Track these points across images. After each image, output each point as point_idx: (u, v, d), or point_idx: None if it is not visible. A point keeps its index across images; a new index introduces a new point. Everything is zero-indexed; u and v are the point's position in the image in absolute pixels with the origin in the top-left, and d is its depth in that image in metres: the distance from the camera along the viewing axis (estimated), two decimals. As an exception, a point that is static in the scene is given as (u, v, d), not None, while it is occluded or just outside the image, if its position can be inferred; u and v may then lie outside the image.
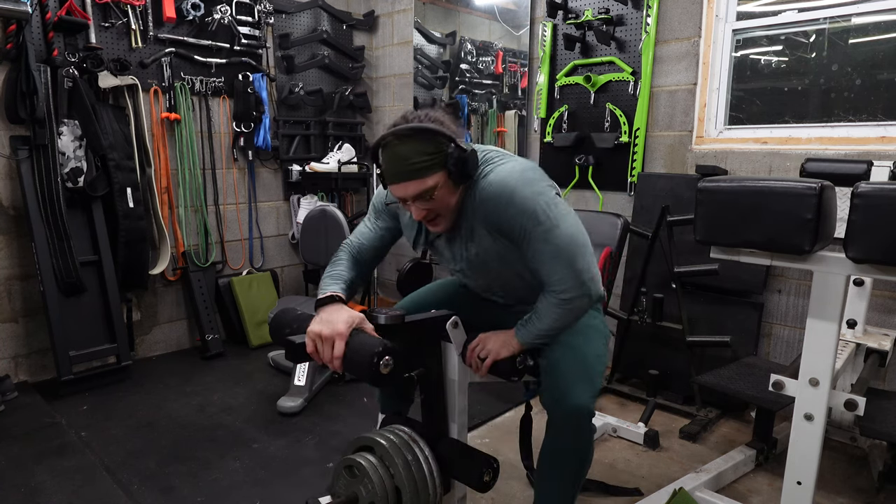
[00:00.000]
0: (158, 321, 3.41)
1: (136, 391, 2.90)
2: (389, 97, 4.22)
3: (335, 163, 3.78)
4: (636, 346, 2.87)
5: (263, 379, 3.07)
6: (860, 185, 1.30)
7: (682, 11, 2.76)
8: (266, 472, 2.19)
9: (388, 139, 1.38)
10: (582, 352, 1.53)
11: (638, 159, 2.96)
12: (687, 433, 2.44)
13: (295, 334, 1.44)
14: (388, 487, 1.42)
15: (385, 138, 1.38)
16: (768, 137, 2.66)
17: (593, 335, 1.59)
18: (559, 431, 1.51)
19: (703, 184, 1.49)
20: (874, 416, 1.84)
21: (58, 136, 2.78)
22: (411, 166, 1.36)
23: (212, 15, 3.29)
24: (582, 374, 1.49)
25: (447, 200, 1.43)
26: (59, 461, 2.23)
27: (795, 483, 1.54)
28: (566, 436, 1.50)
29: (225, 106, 3.50)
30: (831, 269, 1.42)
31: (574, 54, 3.15)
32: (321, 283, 1.57)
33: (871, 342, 2.18)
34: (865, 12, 2.40)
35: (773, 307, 2.66)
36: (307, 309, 1.59)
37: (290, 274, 4.02)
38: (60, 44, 2.82)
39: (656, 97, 2.90)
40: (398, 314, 1.46)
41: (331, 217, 3.14)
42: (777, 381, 1.57)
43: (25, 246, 2.86)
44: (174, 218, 3.36)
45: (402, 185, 1.39)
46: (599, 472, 2.18)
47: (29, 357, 2.96)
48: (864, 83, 2.45)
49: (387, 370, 1.29)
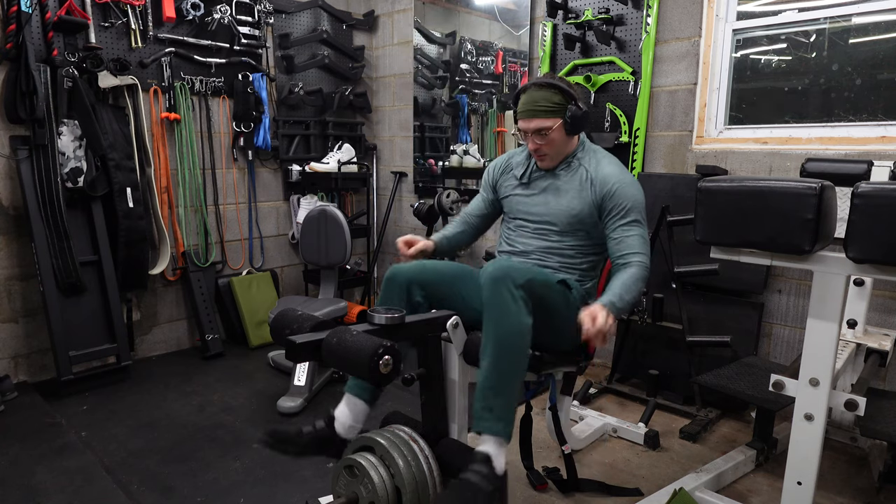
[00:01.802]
0: (158, 321, 3.41)
1: (136, 391, 2.90)
2: (389, 97, 4.22)
3: (335, 163, 3.78)
4: (636, 346, 2.87)
5: (263, 379, 3.07)
6: (860, 185, 1.30)
7: (683, 11, 2.76)
8: (266, 472, 2.18)
9: (529, 86, 1.81)
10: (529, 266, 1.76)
11: (638, 159, 2.96)
12: (687, 433, 2.44)
13: (295, 334, 1.44)
14: (388, 487, 1.42)
15: (527, 84, 1.82)
16: (768, 137, 2.66)
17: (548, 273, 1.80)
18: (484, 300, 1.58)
19: (704, 184, 1.49)
20: (874, 416, 1.84)
21: (57, 135, 2.78)
22: (539, 106, 1.77)
23: (212, 15, 3.29)
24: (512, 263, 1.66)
25: (557, 143, 1.81)
26: (59, 461, 2.23)
27: (795, 483, 1.54)
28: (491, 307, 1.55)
29: (225, 106, 3.50)
30: (831, 269, 1.42)
31: (574, 54, 3.15)
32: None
33: (871, 342, 2.18)
34: (865, 12, 2.40)
35: (773, 307, 2.66)
36: (307, 309, 1.59)
37: (290, 274, 4.02)
38: (60, 44, 2.82)
39: (656, 97, 2.90)
40: (398, 314, 1.46)
41: (331, 217, 3.15)
42: (777, 381, 1.57)
43: (25, 246, 2.86)
44: (174, 218, 3.36)
45: (528, 120, 1.79)
46: (599, 472, 2.18)
47: (29, 357, 2.96)
48: (865, 83, 2.45)
49: (387, 370, 1.29)
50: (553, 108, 1.77)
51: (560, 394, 2.05)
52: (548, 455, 2.28)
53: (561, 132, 1.79)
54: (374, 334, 1.38)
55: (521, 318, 1.54)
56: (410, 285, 1.78)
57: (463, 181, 3.85)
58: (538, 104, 1.77)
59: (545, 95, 1.78)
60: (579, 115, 1.77)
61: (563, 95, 1.78)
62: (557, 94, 1.78)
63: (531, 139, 1.82)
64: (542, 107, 1.77)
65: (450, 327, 1.58)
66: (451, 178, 3.89)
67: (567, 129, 1.79)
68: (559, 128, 1.78)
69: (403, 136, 4.14)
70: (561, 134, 1.80)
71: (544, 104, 1.77)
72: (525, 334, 1.56)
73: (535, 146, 1.82)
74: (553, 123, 1.77)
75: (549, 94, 1.78)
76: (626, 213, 1.76)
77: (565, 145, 1.84)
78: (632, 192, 1.78)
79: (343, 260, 3.13)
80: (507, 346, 1.54)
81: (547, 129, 1.77)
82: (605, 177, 1.79)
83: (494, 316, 1.54)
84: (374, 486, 1.41)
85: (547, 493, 2.03)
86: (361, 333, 1.37)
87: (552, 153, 1.83)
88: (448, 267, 1.89)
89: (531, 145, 1.83)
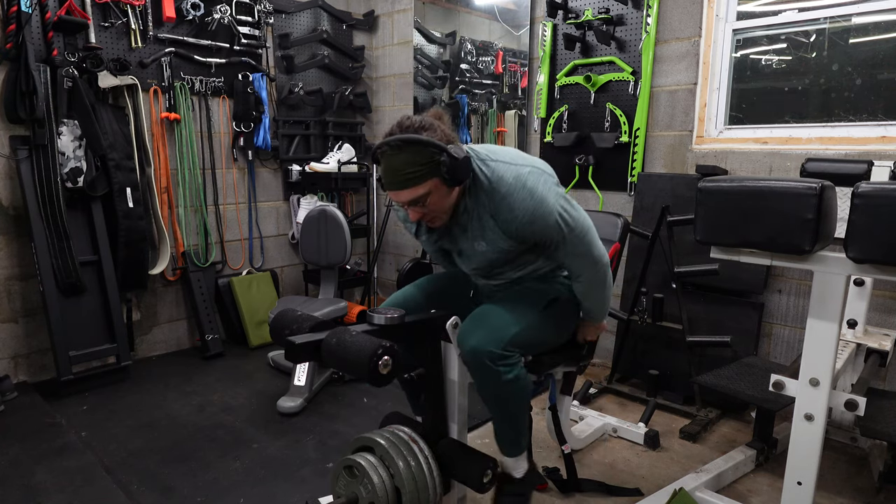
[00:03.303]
0: (158, 321, 3.41)
1: (136, 391, 2.90)
2: (389, 97, 4.22)
3: (335, 163, 3.78)
4: (636, 346, 2.87)
5: (263, 379, 3.07)
6: (860, 185, 1.30)
7: (683, 11, 2.76)
8: (266, 472, 2.18)
9: (382, 149, 1.46)
10: (504, 304, 1.64)
11: (638, 159, 2.95)
12: (687, 433, 2.44)
13: (295, 334, 1.44)
14: (388, 487, 1.42)
15: (380, 147, 1.47)
16: (768, 137, 2.66)
17: (534, 299, 1.68)
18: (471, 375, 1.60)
19: (704, 184, 1.49)
20: (874, 417, 1.84)
21: (57, 135, 2.78)
22: (404, 176, 1.45)
23: (212, 15, 3.29)
24: (485, 323, 1.57)
25: (441, 203, 1.53)
26: (59, 461, 2.23)
27: (796, 483, 1.54)
28: (476, 376, 1.58)
29: (225, 106, 3.50)
30: (831, 269, 1.42)
31: (574, 54, 3.15)
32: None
33: (871, 342, 2.18)
34: (865, 12, 2.40)
35: (773, 307, 2.66)
36: (307, 309, 1.59)
37: (290, 274, 4.02)
38: (60, 43, 2.81)
39: (656, 97, 2.90)
40: (398, 314, 1.46)
41: (330, 217, 3.15)
42: (777, 382, 1.57)
43: (25, 246, 2.86)
44: (174, 218, 3.36)
45: (396, 193, 1.50)
46: (599, 472, 2.18)
47: (29, 357, 2.96)
48: (865, 83, 2.45)
49: (386, 370, 1.29)
50: (421, 171, 1.44)
51: (560, 394, 2.05)
52: (548, 455, 2.28)
53: (441, 191, 1.49)
54: (373, 335, 1.38)
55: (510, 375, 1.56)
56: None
57: (463, 181, 3.84)
58: (402, 173, 1.44)
59: (406, 160, 1.43)
60: (458, 164, 1.44)
61: (427, 150, 1.43)
62: (420, 150, 1.43)
63: (411, 211, 1.54)
64: (408, 174, 1.44)
65: (450, 327, 1.58)
66: (451, 178, 3.88)
67: (448, 184, 1.48)
68: (437, 187, 1.47)
69: (403, 136, 4.13)
70: (443, 192, 1.50)
71: (409, 171, 1.44)
72: (520, 383, 1.60)
73: (417, 216, 1.55)
74: (427, 189, 1.47)
75: (408, 156, 1.43)
76: (552, 244, 1.58)
77: (451, 199, 1.54)
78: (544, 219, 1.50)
79: (343, 260, 3.13)
80: (504, 400, 1.61)
81: (423, 197, 1.48)
82: (508, 220, 1.52)
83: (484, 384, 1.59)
84: (373, 487, 1.41)
85: (547, 493, 2.03)
86: (361, 334, 1.37)
87: (441, 213, 1.56)
88: (427, 288, 1.85)
89: (413, 216, 1.55)
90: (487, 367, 1.52)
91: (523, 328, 1.59)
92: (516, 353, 1.57)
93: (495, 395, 1.60)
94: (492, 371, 1.53)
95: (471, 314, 1.63)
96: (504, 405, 1.63)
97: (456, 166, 1.44)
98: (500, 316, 1.59)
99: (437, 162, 1.44)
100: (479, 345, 1.52)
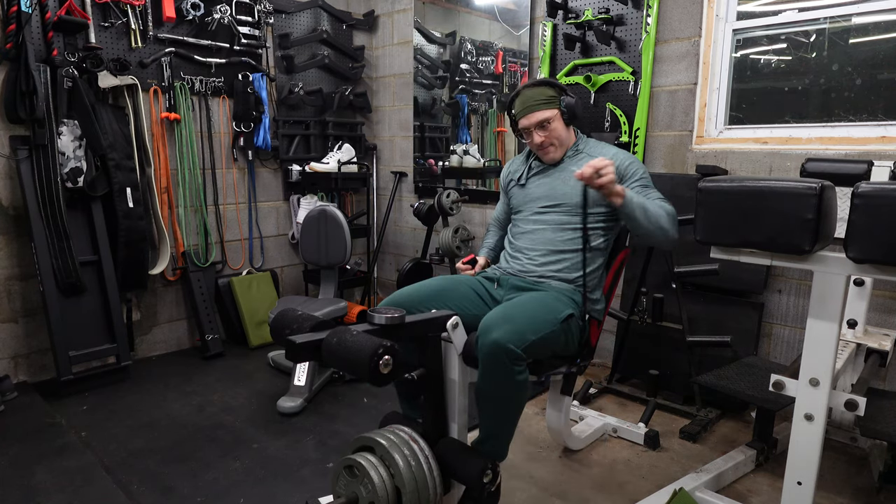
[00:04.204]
0: (158, 321, 3.41)
1: (136, 391, 2.90)
2: (389, 97, 4.22)
3: (335, 163, 3.78)
4: (636, 346, 2.87)
5: (263, 379, 3.07)
6: (860, 185, 1.30)
7: (683, 11, 2.76)
8: (266, 472, 2.18)
9: (521, 88, 1.98)
10: (528, 308, 1.72)
11: (638, 159, 2.95)
12: (687, 433, 2.44)
13: (295, 334, 1.44)
14: (388, 487, 1.42)
15: (519, 88, 1.99)
16: (768, 137, 2.66)
17: (555, 306, 1.77)
18: (481, 368, 1.60)
19: (704, 184, 1.49)
20: (874, 417, 1.84)
21: (57, 135, 2.78)
22: (538, 101, 1.93)
23: (212, 15, 3.29)
24: (512, 321, 1.61)
25: (560, 133, 1.96)
26: (59, 461, 2.23)
27: (795, 483, 1.54)
28: (486, 370, 1.58)
29: (225, 106, 3.50)
30: (831, 269, 1.42)
31: (574, 54, 3.15)
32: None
33: (871, 342, 2.18)
34: (865, 12, 2.40)
35: (773, 307, 2.66)
36: (307, 309, 1.59)
37: (290, 274, 4.02)
38: (60, 43, 2.81)
39: (656, 97, 2.90)
40: (399, 314, 1.46)
41: (330, 217, 3.15)
42: (777, 382, 1.57)
43: (25, 246, 2.86)
44: (174, 218, 3.36)
45: (528, 116, 1.94)
46: (599, 472, 2.18)
47: (29, 357, 2.96)
48: (865, 83, 2.45)
49: (387, 370, 1.29)
50: (549, 100, 1.93)
51: (560, 394, 2.05)
52: (548, 455, 2.28)
53: (560, 122, 1.96)
54: (373, 334, 1.38)
55: (521, 376, 1.60)
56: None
57: (463, 181, 3.85)
58: (535, 100, 1.93)
59: (539, 91, 1.94)
60: (573, 105, 1.95)
61: (555, 89, 1.96)
62: (549, 88, 1.95)
63: (535, 134, 1.96)
64: (538, 101, 1.93)
65: (450, 327, 1.58)
66: (451, 178, 3.89)
67: (565, 118, 1.96)
68: (558, 117, 1.95)
69: (403, 136, 4.14)
70: (561, 124, 1.96)
71: (540, 98, 1.93)
72: (525, 385, 1.63)
73: (540, 139, 1.96)
74: (552, 114, 1.93)
75: (541, 89, 1.95)
76: (641, 181, 1.91)
77: (567, 135, 1.99)
78: (640, 166, 1.95)
79: (343, 260, 3.13)
80: (508, 399, 1.65)
81: (548, 121, 1.93)
82: (611, 157, 1.87)
83: (494, 380, 1.60)
84: (374, 487, 1.41)
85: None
86: (361, 333, 1.37)
87: (557, 143, 1.97)
88: (425, 287, 1.90)
89: (536, 139, 1.96)
90: (503, 362, 1.55)
91: (540, 338, 1.65)
92: (527, 359, 1.61)
93: (501, 393, 1.62)
94: (506, 368, 1.56)
95: (497, 308, 1.71)
96: (506, 404, 1.65)
97: (571, 106, 1.95)
98: (526, 320, 1.65)
99: (559, 99, 1.95)
100: (502, 339, 1.55)
